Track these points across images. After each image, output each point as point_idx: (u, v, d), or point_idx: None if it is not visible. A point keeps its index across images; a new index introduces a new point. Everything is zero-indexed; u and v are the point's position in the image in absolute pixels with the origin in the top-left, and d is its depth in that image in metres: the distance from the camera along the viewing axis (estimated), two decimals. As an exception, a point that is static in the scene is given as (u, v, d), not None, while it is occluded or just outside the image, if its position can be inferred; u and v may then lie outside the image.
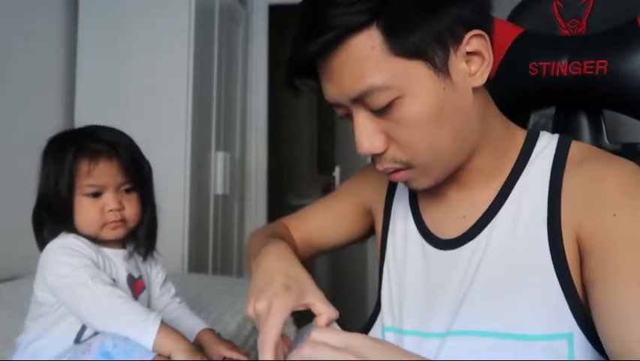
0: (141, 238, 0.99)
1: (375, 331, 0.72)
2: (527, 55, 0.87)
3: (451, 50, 0.57)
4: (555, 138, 0.66)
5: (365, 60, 0.55)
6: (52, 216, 0.91)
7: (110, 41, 2.08)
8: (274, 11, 3.06)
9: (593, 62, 0.82)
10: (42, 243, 0.91)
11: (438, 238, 0.69)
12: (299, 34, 0.57)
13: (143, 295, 0.97)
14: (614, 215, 0.55)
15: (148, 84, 2.06)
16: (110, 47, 2.08)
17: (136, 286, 0.96)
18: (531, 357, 0.56)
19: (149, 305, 0.99)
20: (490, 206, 0.65)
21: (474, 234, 0.65)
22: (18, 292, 1.41)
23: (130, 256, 0.97)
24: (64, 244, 0.88)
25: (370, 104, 0.57)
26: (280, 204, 3.93)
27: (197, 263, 2.14)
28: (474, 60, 0.59)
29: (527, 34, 0.89)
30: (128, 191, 0.94)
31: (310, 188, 4.21)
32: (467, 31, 0.57)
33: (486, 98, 0.64)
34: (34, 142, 0.94)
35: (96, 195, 0.90)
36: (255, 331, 1.51)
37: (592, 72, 0.82)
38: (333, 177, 3.10)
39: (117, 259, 0.94)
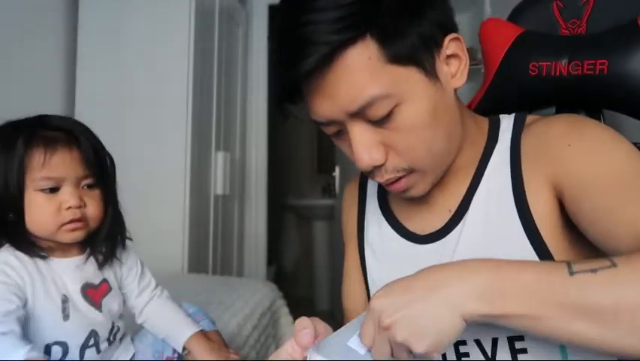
0: (101, 241, 0.88)
1: None
2: (527, 55, 0.87)
3: (435, 54, 0.59)
4: (512, 115, 0.70)
5: (362, 71, 0.55)
6: None
7: (110, 41, 2.08)
8: (274, 11, 3.05)
9: (594, 62, 0.82)
10: None
11: (419, 235, 0.70)
12: (287, 56, 0.56)
13: (107, 299, 0.90)
14: (569, 145, 0.59)
15: (148, 84, 2.06)
16: (110, 47, 2.08)
17: (96, 294, 0.88)
18: None
19: (125, 304, 0.95)
20: (465, 194, 0.67)
21: (455, 223, 0.67)
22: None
23: (86, 261, 0.87)
24: (5, 260, 0.77)
25: (370, 115, 0.57)
26: (280, 205, 3.93)
27: (197, 263, 2.14)
28: (452, 62, 0.62)
29: (527, 34, 0.89)
30: (89, 187, 0.83)
31: (310, 188, 4.21)
32: (445, 35, 0.60)
33: (458, 98, 0.67)
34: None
35: (52, 190, 0.78)
36: (255, 331, 1.51)
37: (592, 72, 0.82)
38: (333, 177, 3.10)
39: (67, 272, 0.85)
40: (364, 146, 0.59)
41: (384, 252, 0.74)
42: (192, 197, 2.08)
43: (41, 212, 0.78)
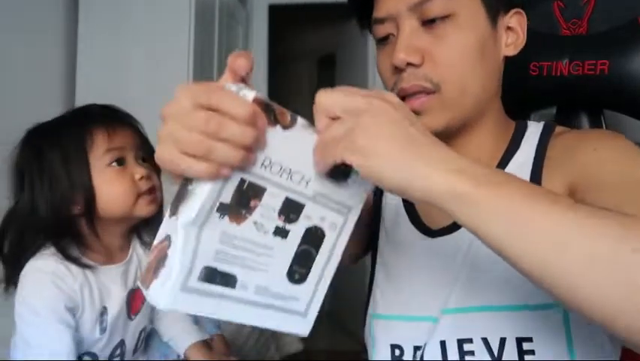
0: (155, 224, 0.86)
1: (367, 320, 0.74)
2: (528, 55, 0.87)
3: (499, 16, 0.64)
4: (541, 123, 0.70)
5: None
6: (59, 221, 0.77)
7: (109, 41, 2.07)
8: (274, 11, 3.06)
9: (594, 61, 0.82)
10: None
11: (429, 228, 0.69)
12: None
13: (146, 304, 0.90)
14: (595, 149, 0.59)
15: (148, 84, 2.05)
16: (110, 47, 2.07)
17: (138, 300, 0.88)
18: (529, 327, 0.58)
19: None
20: None
21: None
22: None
23: (130, 261, 0.87)
24: (54, 271, 0.75)
25: (427, 11, 0.60)
26: (280, 204, 3.92)
27: (196, 263, 2.13)
28: (510, 35, 0.67)
29: (528, 34, 0.89)
30: (144, 161, 0.85)
31: (310, 188, 4.20)
32: (511, 6, 0.65)
33: (501, 81, 0.69)
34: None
35: (119, 162, 0.80)
36: (254, 331, 1.51)
37: (593, 72, 0.82)
38: (333, 177, 3.09)
39: (115, 280, 0.84)
40: (408, 42, 0.61)
41: (395, 238, 0.73)
42: (192, 197, 2.07)
43: (117, 185, 0.79)
